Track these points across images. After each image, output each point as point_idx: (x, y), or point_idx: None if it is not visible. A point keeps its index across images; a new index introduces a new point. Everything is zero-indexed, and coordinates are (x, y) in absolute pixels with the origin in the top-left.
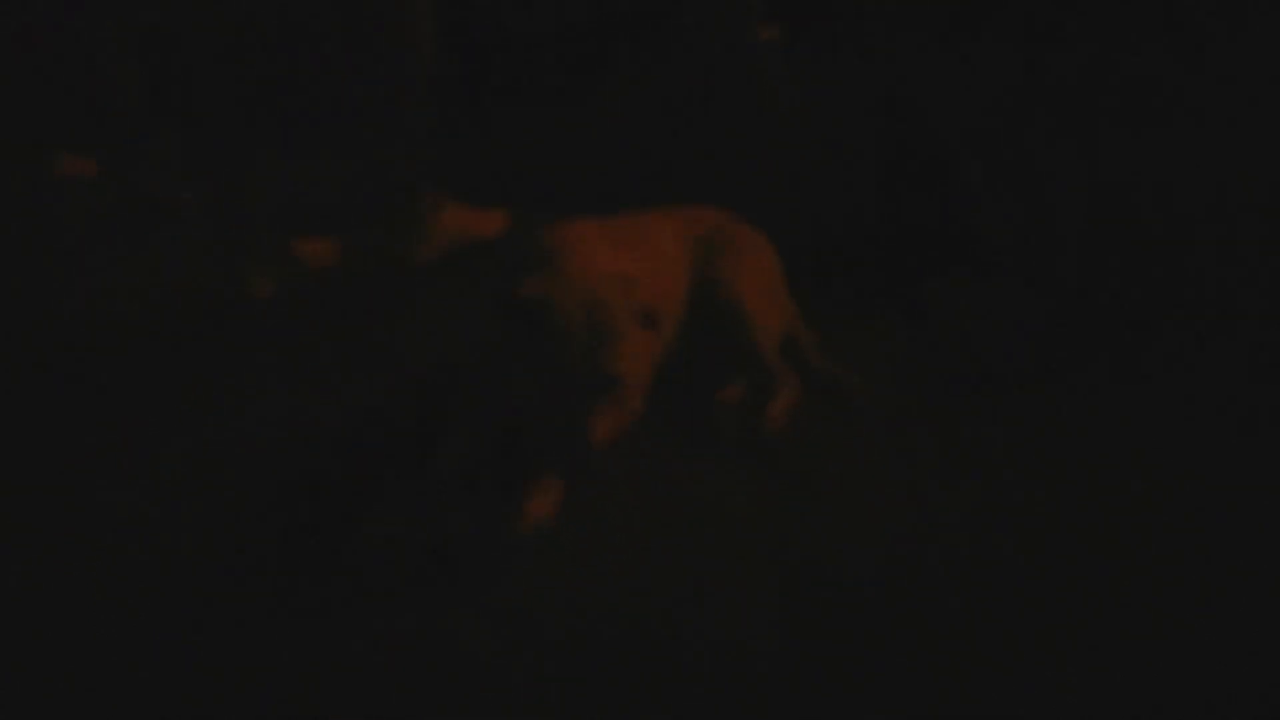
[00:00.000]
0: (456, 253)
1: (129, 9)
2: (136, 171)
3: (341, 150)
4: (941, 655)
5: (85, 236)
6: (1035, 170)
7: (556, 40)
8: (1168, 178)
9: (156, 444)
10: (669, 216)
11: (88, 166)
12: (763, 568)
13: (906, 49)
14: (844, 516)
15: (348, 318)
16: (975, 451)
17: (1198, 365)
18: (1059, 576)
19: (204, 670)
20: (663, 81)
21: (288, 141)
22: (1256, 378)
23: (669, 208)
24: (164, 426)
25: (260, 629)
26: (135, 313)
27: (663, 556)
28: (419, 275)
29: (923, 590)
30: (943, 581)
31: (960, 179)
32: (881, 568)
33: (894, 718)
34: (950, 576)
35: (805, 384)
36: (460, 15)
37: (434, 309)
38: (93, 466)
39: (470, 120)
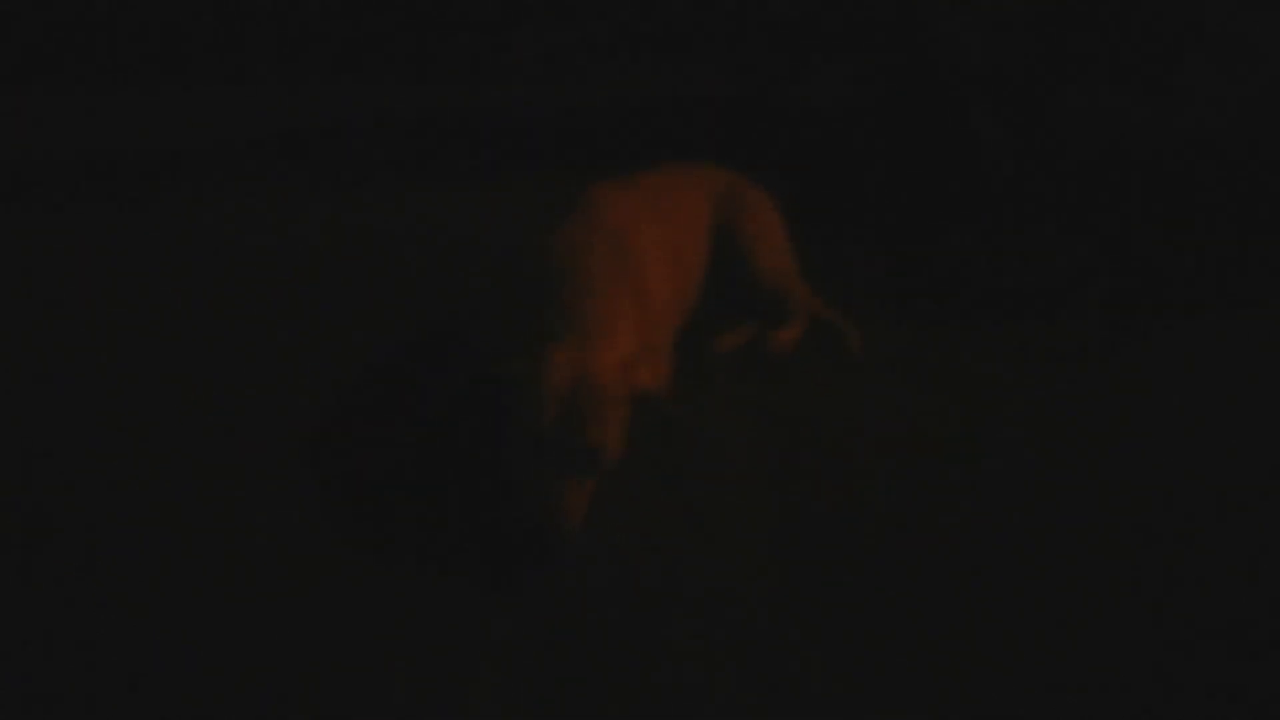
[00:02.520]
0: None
1: None
2: None
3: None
4: (939, 614)
5: None
6: (1048, 114)
7: None
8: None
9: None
10: (689, 178)
11: None
12: (762, 519)
13: None
14: (842, 463)
15: None
16: (972, 400)
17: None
18: (1056, 531)
19: (212, 663)
20: None
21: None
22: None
23: (684, 167)
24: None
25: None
26: None
27: (665, 508)
28: None
29: (921, 545)
30: (939, 535)
31: (971, 122)
32: (880, 524)
33: (892, 679)
34: (946, 527)
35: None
36: None
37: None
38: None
39: None
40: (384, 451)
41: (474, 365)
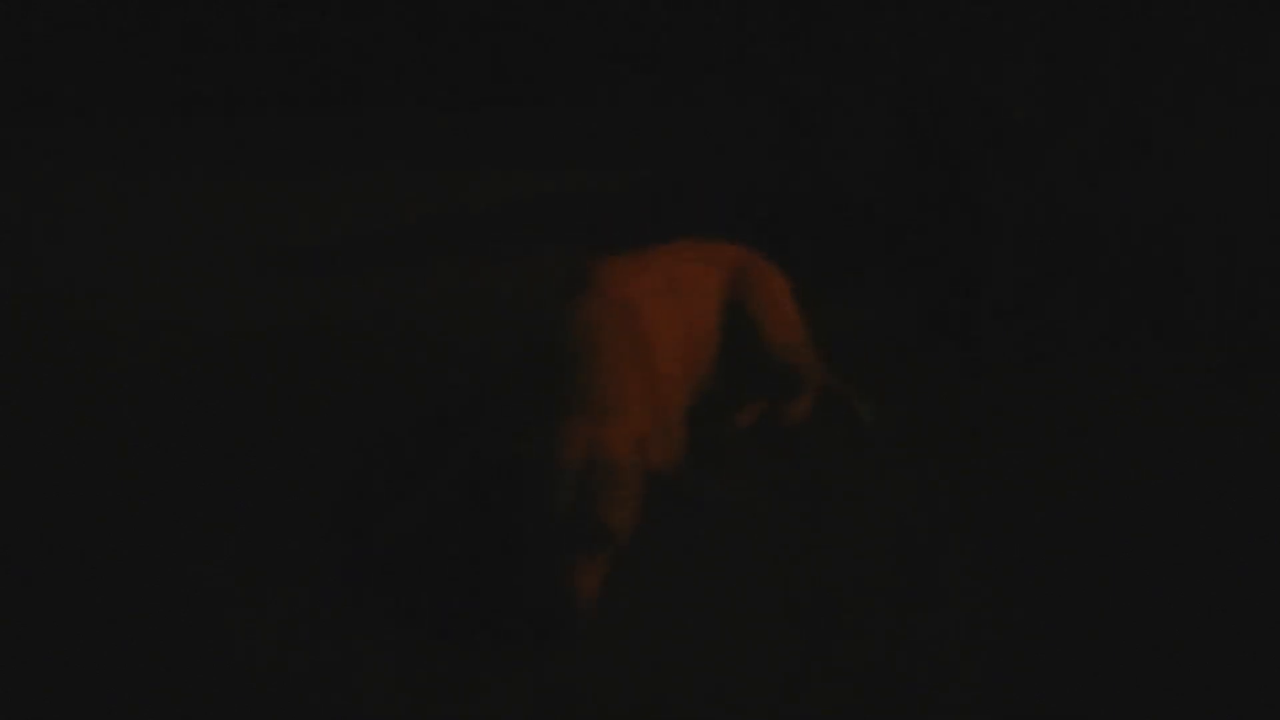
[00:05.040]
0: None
1: None
2: None
3: None
4: (956, 699)
5: None
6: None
7: None
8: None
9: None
10: (701, 254)
11: None
12: (776, 589)
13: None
14: (856, 533)
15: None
16: (981, 467)
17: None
18: (1065, 591)
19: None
20: None
21: None
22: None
23: (695, 243)
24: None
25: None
26: None
27: (680, 584)
28: None
29: (931, 613)
30: (950, 603)
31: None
32: (890, 587)
33: None
34: (958, 594)
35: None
36: None
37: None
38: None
39: None
40: (398, 526)
41: (486, 442)
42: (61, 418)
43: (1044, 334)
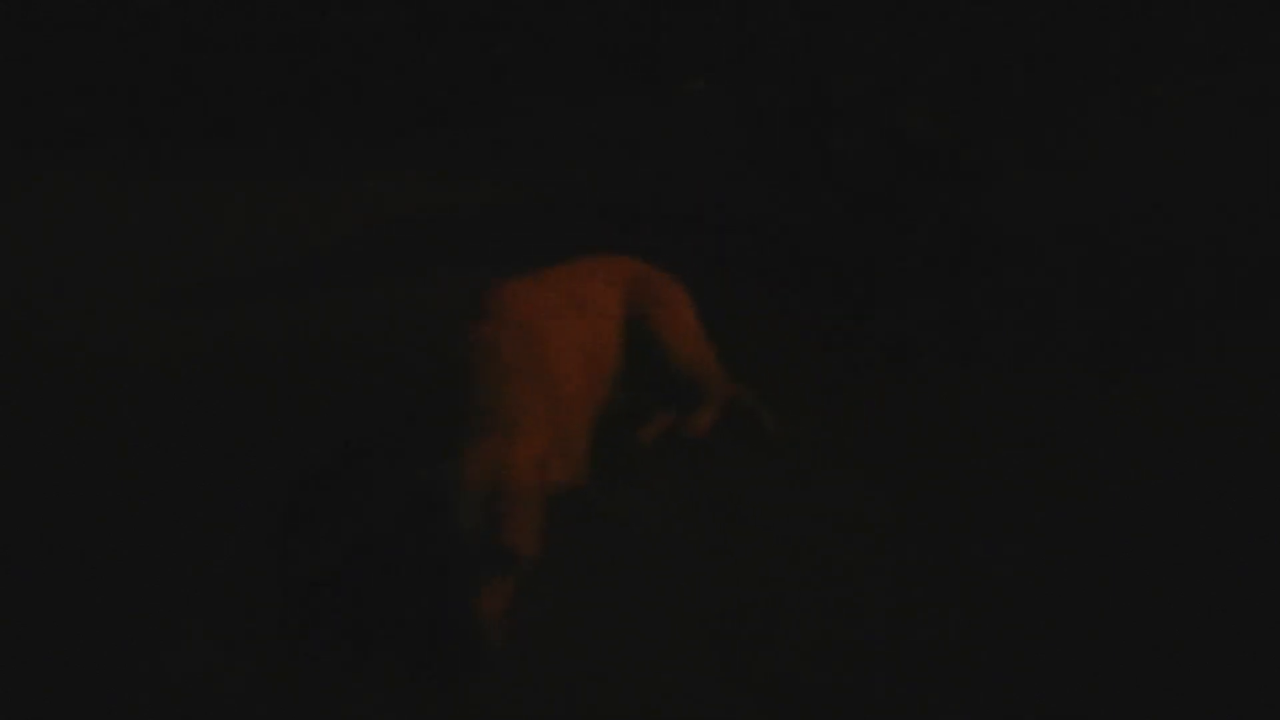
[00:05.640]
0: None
1: None
2: None
3: None
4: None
5: None
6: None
7: None
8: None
9: None
10: (598, 270)
11: None
12: (698, 613)
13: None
14: (766, 545)
15: None
16: (892, 475)
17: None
18: (985, 596)
19: None
20: None
21: None
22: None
23: (592, 260)
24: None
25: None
26: None
27: (592, 602)
28: None
29: (848, 622)
30: (867, 611)
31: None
32: (810, 604)
33: None
34: (874, 603)
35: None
36: None
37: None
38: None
39: None
40: (311, 561)
41: (390, 470)
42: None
43: (961, 341)
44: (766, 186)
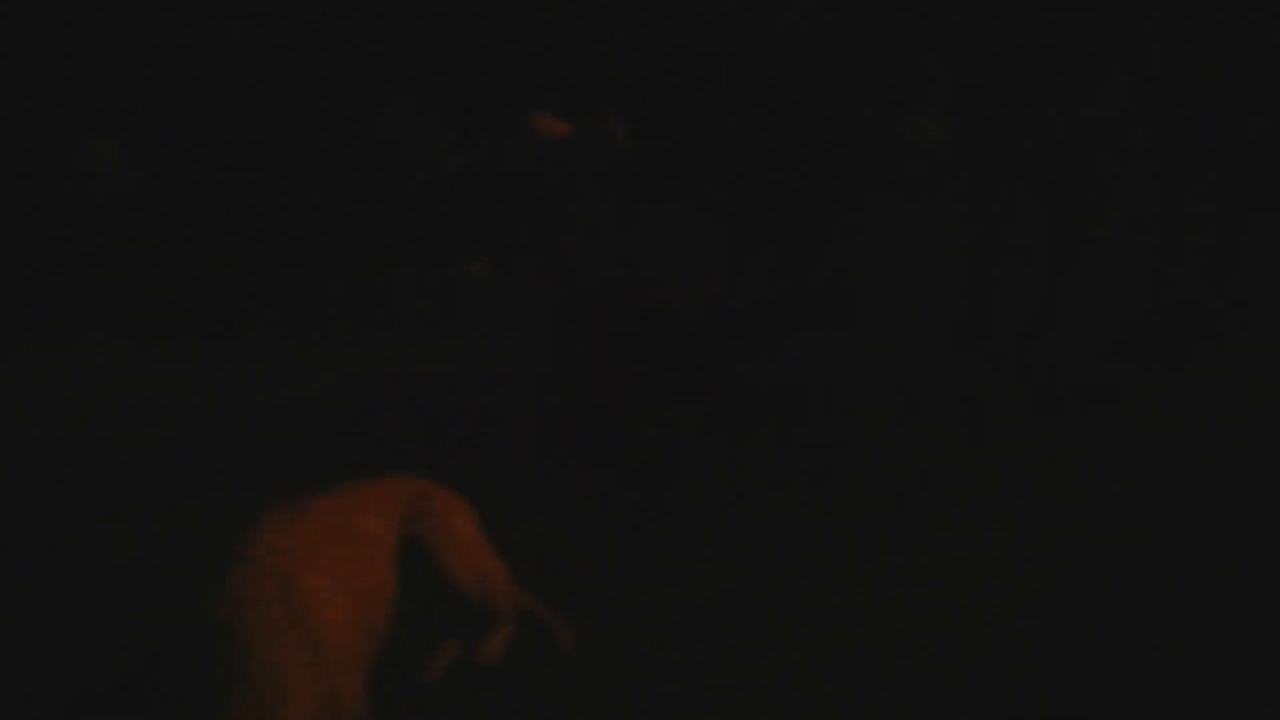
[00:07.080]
0: None
1: None
2: None
3: None
4: None
5: None
6: None
7: None
8: None
9: None
10: (369, 495)
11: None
12: None
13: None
14: None
15: None
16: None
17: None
18: None
19: None
20: None
21: None
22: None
23: (362, 484)
24: None
25: None
26: None
27: None
28: None
29: None
30: None
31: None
32: None
33: None
34: None
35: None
36: None
37: None
38: None
39: None
40: None
41: None
42: None
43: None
44: (559, 362)
